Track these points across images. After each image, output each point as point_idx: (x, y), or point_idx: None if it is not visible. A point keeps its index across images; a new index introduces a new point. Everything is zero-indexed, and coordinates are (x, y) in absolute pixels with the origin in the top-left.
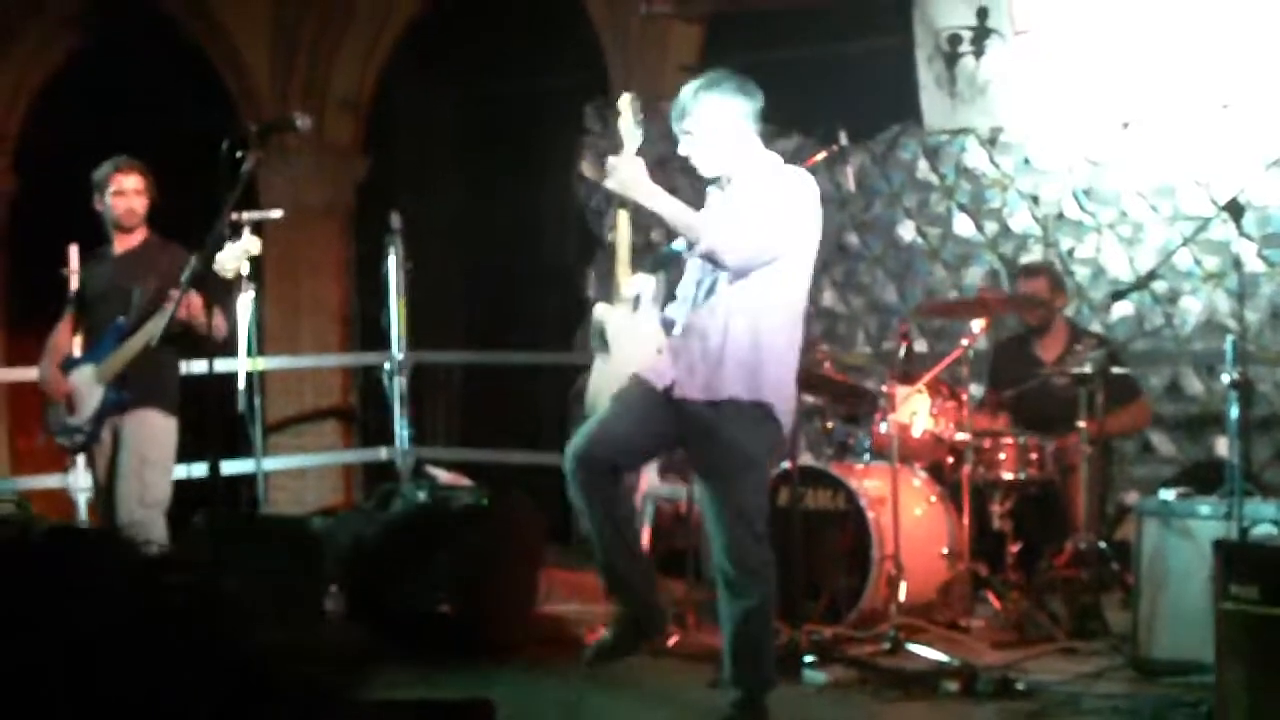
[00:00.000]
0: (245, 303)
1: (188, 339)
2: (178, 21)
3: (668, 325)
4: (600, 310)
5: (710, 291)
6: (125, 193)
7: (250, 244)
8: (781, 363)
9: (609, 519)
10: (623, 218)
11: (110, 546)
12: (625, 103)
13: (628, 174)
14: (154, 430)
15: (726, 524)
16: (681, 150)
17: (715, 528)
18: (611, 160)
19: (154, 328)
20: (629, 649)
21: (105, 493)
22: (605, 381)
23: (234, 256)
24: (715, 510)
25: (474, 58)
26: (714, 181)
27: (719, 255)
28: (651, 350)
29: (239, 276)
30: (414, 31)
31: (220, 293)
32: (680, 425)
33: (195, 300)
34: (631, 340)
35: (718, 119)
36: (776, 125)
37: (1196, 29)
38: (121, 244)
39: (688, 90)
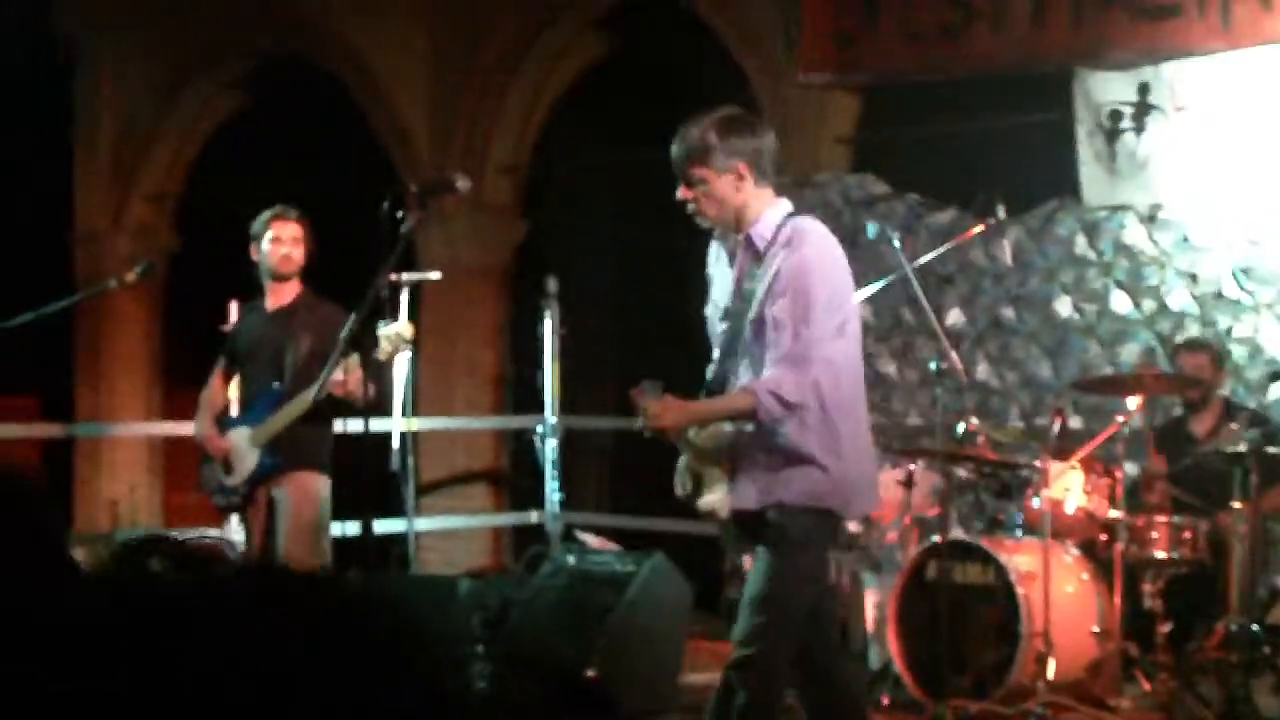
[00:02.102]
0: (401, 363)
1: (343, 406)
2: (340, 85)
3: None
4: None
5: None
6: (283, 240)
7: (403, 328)
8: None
9: None
10: (694, 452)
11: (317, 581)
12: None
13: (677, 414)
14: (310, 493)
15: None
16: (685, 195)
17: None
18: (651, 409)
19: (309, 397)
20: None
21: (263, 554)
22: None
23: (389, 341)
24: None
25: (631, 122)
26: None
27: (797, 408)
28: None
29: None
30: (572, 95)
31: (372, 356)
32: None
33: (355, 375)
34: None
35: (735, 163)
36: (934, 197)
37: None
38: (275, 297)
39: (696, 131)
